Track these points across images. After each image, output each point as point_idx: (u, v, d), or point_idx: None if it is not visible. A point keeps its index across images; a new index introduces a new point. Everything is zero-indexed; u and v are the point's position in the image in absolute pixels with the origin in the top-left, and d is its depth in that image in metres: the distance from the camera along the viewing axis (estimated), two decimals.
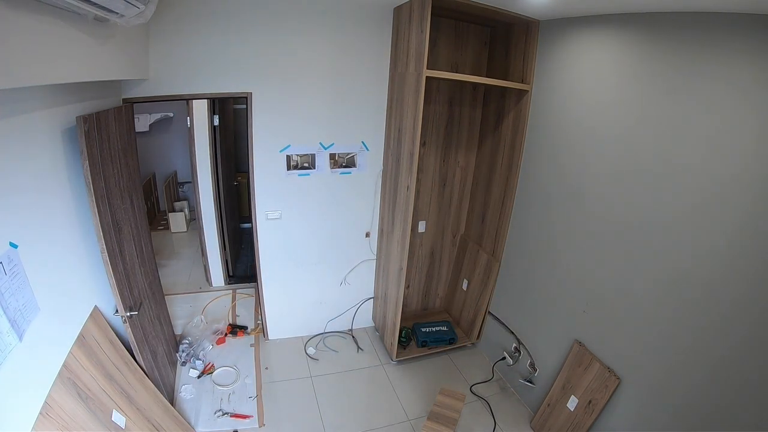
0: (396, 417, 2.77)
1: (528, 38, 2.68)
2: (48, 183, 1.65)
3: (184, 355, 3.04)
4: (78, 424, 1.57)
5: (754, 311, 1.60)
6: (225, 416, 2.63)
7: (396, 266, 3.01)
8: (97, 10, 1.38)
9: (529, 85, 2.72)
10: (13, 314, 1.31)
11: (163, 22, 2.32)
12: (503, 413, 2.86)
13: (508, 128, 2.95)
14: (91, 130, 1.75)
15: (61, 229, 1.74)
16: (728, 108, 1.66)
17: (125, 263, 2.13)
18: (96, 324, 1.94)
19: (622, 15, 2.08)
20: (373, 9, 2.72)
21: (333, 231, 3.28)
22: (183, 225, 5.51)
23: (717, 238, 1.72)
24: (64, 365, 1.60)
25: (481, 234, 3.35)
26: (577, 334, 2.48)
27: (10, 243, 1.33)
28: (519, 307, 3.02)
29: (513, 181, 2.92)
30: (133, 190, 2.44)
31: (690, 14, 1.77)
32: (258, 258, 3.14)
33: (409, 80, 2.59)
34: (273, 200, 3.01)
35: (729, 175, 1.67)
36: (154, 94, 2.50)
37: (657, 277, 1.98)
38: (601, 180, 2.27)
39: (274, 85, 2.71)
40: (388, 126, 3.03)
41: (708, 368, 1.77)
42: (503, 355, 3.09)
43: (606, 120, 2.22)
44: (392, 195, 3.01)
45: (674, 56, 1.85)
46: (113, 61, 1.87)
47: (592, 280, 2.36)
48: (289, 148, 2.91)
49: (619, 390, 2.19)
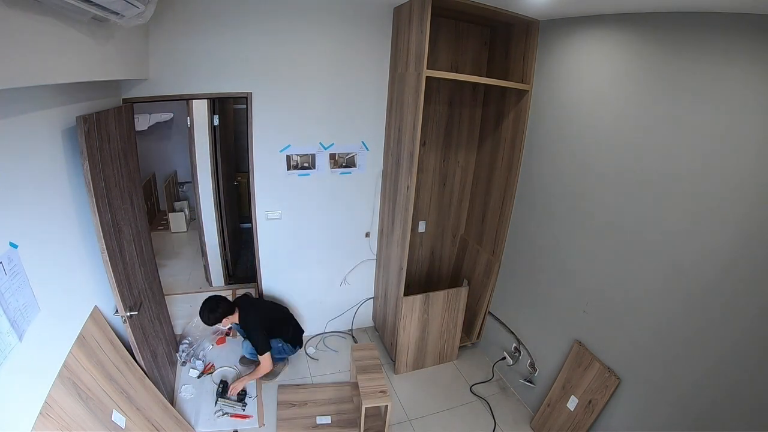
0: (396, 417, 2.77)
1: (528, 38, 2.68)
2: (48, 183, 1.65)
3: (184, 355, 3.04)
4: (78, 424, 1.57)
5: (755, 311, 1.60)
6: (225, 416, 2.63)
7: (396, 266, 3.01)
8: (96, 10, 1.38)
9: (529, 85, 2.72)
10: (14, 314, 1.31)
11: (163, 22, 2.32)
12: (503, 413, 2.86)
13: (508, 128, 2.95)
14: (91, 130, 1.75)
15: (61, 229, 1.74)
16: (729, 108, 1.66)
17: (125, 263, 2.13)
18: (96, 324, 1.95)
19: (622, 15, 2.08)
20: (373, 9, 2.72)
21: (333, 231, 3.28)
22: (183, 225, 5.51)
23: (717, 238, 1.72)
24: (64, 365, 1.60)
25: (481, 234, 3.35)
26: (577, 334, 2.48)
27: (10, 243, 1.33)
28: (519, 307, 3.02)
29: (513, 181, 2.93)
30: (133, 190, 2.44)
31: (690, 14, 1.77)
32: (258, 258, 3.14)
33: (409, 80, 2.59)
34: (273, 200, 3.01)
35: (730, 175, 1.67)
36: (154, 94, 2.50)
37: (657, 277, 1.98)
38: (601, 180, 2.27)
39: (274, 85, 2.71)
40: (388, 126, 3.03)
41: (708, 368, 1.77)
42: (503, 355, 3.09)
43: (606, 119, 2.22)
44: (392, 195, 3.01)
45: (674, 56, 1.85)
46: (113, 61, 1.86)
47: (592, 280, 2.36)
48: (289, 148, 2.91)
49: (619, 390, 2.19)
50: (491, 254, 3.21)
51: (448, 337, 3.24)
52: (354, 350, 2.82)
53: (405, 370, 3.20)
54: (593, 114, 2.30)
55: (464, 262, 3.55)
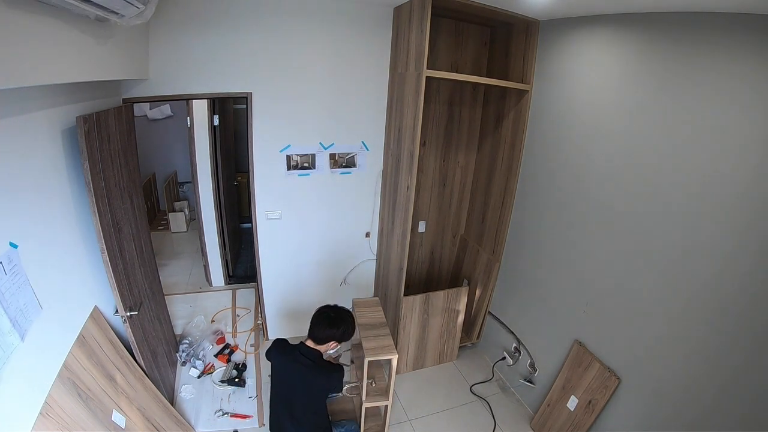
0: (396, 417, 2.77)
1: (528, 38, 2.68)
2: (48, 183, 1.65)
3: (184, 355, 3.04)
4: (78, 424, 1.57)
5: (755, 310, 1.60)
6: (225, 416, 2.63)
7: (396, 266, 3.01)
8: (97, 10, 1.38)
9: (529, 85, 2.72)
10: (15, 314, 1.31)
11: (163, 22, 2.32)
12: (503, 413, 2.86)
13: (508, 128, 2.95)
14: (91, 130, 1.75)
15: (61, 229, 1.74)
16: (729, 107, 1.66)
17: (125, 263, 2.13)
18: (96, 324, 1.94)
19: (622, 15, 2.08)
20: (373, 9, 2.72)
21: (333, 231, 3.28)
22: (183, 225, 5.51)
23: (718, 238, 1.72)
24: (64, 365, 1.60)
25: (481, 234, 3.35)
26: (577, 334, 2.48)
27: (10, 243, 1.33)
28: (519, 307, 3.02)
29: (513, 180, 2.93)
30: (133, 190, 2.44)
31: (690, 14, 1.77)
32: (258, 258, 3.14)
33: (409, 80, 2.59)
34: (273, 200, 3.01)
35: (730, 174, 1.67)
36: (154, 94, 2.50)
37: (657, 277, 1.98)
38: (601, 180, 2.27)
39: (274, 85, 2.71)
40: (388, 126, 3.03)
41: (708, 368, 1.77)
42: (503, 355, 3.09)
43: (606, 119, 2.22)
44: (392, 195, 3.01)
45: (674, 56, 1.85)
46: (113, 61, 1.86)
47: (592, 280, 2.36)
48: (289, 148, 2.91)
49: (619, 390, 2.19)
50: (491, 254, 3.21)
51: (448, 337, 3.24)
52: (356, 305, 2.62)
53: (405, 370, 3.20)
54: (594, 114, 2.30)
55: (464, 262, 3.55)
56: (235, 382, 2.86)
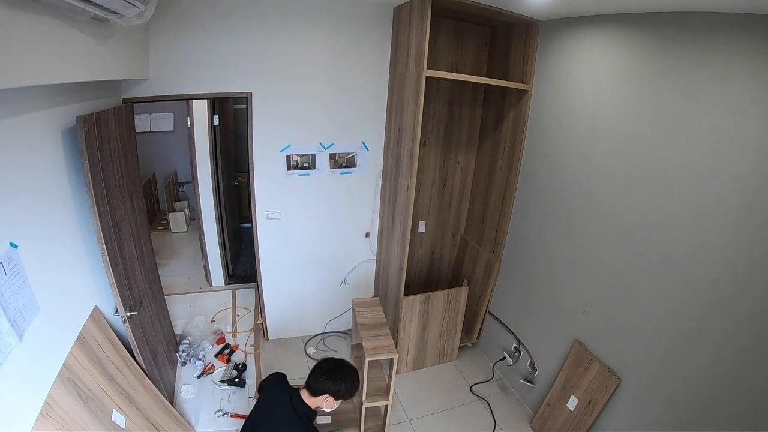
0: (396, 417, 2.77)
1: (528, 38, 2.68)
2: (48, 183, 1.64)
3: (184, 355, 3.03)
4: (78, 424, 1.57)
5: (755, 311, 1.60)
6: (225, 416, 2.63)
7: (396, 266, 3.01)
8: (96, 10, 1.38)
9: (529, 85, 2.72)
10: (13, 314, 1.31)
11: (163, 22, 2.32)
12: (503, 413, 2.86)
13: (508, 128, 2.96)
14: (91, 130, 1.75)
15: (61, 229, 1.74)
16: (730, 107, 1.66)
17: (125, 263, 2.13)
18: (96, 324, 1.94)
19: (622, 15, 2.08)
20: (373, 9, 2.72)
21: (333, 231, 3.28)
22: (183, 225, 5.51)
23: (717, 238, 1.72)
24: (64, 365, 1.60)
25: (481, 234, 3.35)
26: (577, 334, 2.48)
27: (10, 243, 1.33)
28: (519, 307, 3.02)
29: (513, 180, 2.93)
30: (133, 190, 2.44)
31: (690, 14, 1.77)
32: (258, 258, 3.14)
33: (409, 80, 2.59)
34: (273, 200, 3.01)
35: (730, 174, 1.67)
36: (154, 94, 2.50)
37: (657, 277, 1.98)
38: (601, 180, 2.27)
39: (274, 85, 2.71)
40: (388, 126, 3.03)
41: (708, 368, 1.77)
42: (503, 355, 3.09)
43: (606, 119, 2.22)
44: (392, 195, 3.01)
45: (674, 56, 1.85)
46: (113, 61, 1.86)
47: (592, 280, 2.36)
48: (289, 148, 2.91)
49: (619, 390, 2.19)
50: (491, 254, 3.21)
51: (448, 337, 3.24)
52: (356, 306, 2.62)
53: (405, 370, 3.20)
54: (594, 114, 2.30)
55: (464, 262, 3.55)
56: (235, 382, 2.86)
